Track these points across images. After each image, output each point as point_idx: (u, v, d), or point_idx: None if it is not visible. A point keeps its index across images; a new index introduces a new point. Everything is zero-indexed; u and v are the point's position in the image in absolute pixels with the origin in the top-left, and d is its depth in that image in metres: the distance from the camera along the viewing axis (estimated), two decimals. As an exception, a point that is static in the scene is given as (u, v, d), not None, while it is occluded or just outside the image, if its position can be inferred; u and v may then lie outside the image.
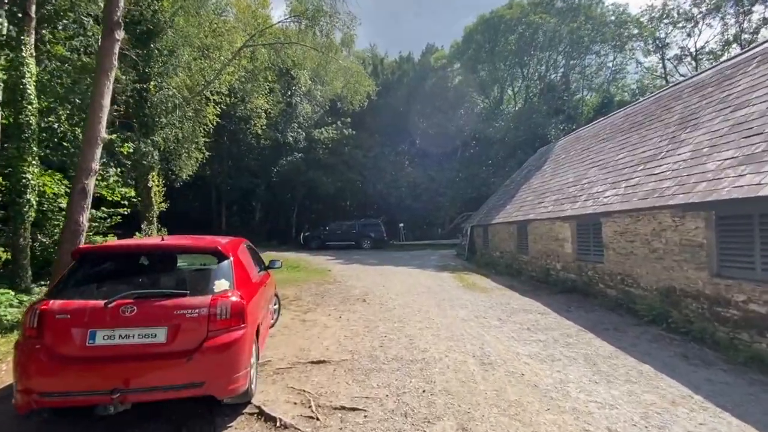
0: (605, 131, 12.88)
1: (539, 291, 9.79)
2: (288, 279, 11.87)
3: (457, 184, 28.58)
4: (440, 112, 29.56)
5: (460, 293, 9.64)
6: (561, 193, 11.10)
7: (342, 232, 25.43)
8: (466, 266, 15.44)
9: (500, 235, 14.51)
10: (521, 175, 18.15)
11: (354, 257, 19.05)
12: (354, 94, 18.58)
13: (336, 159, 26.94)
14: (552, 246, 10.40)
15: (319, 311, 7.92)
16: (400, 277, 12.35)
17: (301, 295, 9.56)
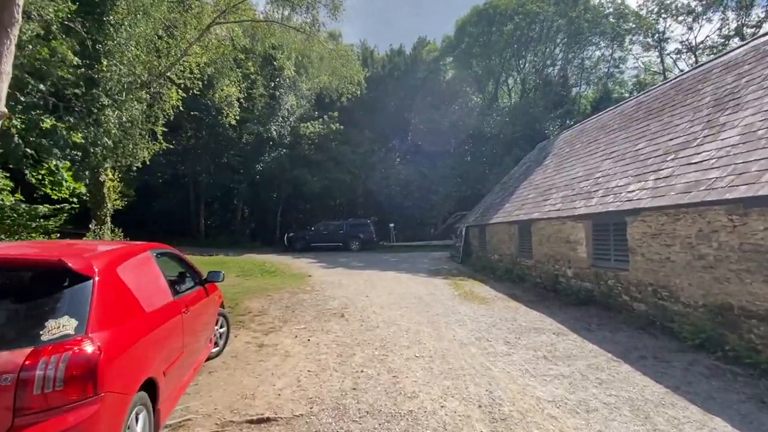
0: (615, 121, 11.60)
1: (548, 302, 8.41)
2: (259, 287, 10.35)
3: (451, 182, 27.23)
4: (432, 108, 28.19)
5: (456, 305, 8.22)
6: (570, 189, 9.75)
7: (329, 233, 23.91)
8: (461, 270, 14.05)
9: (499, 237, 13.14)
10: (520, 171, 16.83)
11: (339, 260, 17.56)
12: (341, 80, 17.01)
13: (323, 155, 25.42)
14: (561, 249, 9.04)
15: (285, 331, 6.43)
16: (388, 284, 10.90)
17: (268, 308, 8.05)
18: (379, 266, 15.16)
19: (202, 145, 24.62)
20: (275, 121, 24.55)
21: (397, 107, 28.90)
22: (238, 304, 8.35)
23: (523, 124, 24.49)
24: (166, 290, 3.36)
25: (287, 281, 11.38)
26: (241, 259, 16.80)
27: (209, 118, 23.73)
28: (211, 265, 14.89)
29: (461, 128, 28.00)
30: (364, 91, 29.47)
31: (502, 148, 25.37)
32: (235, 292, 9.55)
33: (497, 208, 14.46)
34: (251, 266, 14.51)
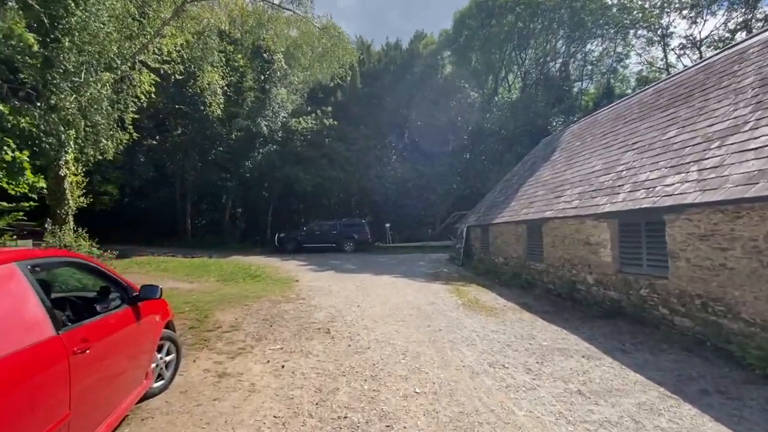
0: (632, 111, 10.56)
1: (566, 313, 7.32)
2: (237, 295, 9.19)
3: (449, 181, 26.17)
4: (430, 103, 27.09)
5: (461, 317, 7.11)
6: (587, 184, 8.67)
7: (321, 233, 22.74)
8: (463, 274, 12.95)
9: (504, 237, 12.05)
10: (525, 167, 15.76)
11: (331, 262, 16.42)
12: (331, 62, 15.82)
13: (316, 152, 24.25)
14: (580, 252, 7.95)
15: (256, 353, 5.29)
16: (383, 290, 9.77)
17: (242, 321, 6.90)
18: (374, 269, 14.03)
19: (189, 141, 23.38)
20: (265, 116, 23.34)
21: (394, 103, 27.78)
22: (208, 316, 7.19)
23: (524, 120, 23.44)
24: (40, 323, 2.21)
25: (271, 287, 10.22)
26: (225, 261, 15.61)
27: (196, 112, 22.50)
28: (192, 269, 13.74)
29: (460, 124, 26.94)
30: (359, 85, 28.50)
31: (502, 145, 24.32)
32: (208, 302, 8.39)
33: (501, 206, 13.37)
34: (235, 269, 13.34)
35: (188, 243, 23.45)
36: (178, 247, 22.71)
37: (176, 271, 13.09)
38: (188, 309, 7.76)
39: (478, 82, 29.21)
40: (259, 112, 23.32)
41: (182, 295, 9.18)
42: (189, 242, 23.56)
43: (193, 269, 13.29)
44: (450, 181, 26.19)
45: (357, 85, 27.88)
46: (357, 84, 27.90)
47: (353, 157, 25.26)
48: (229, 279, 11.69)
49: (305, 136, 24.10)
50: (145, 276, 12.29)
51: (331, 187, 25.91)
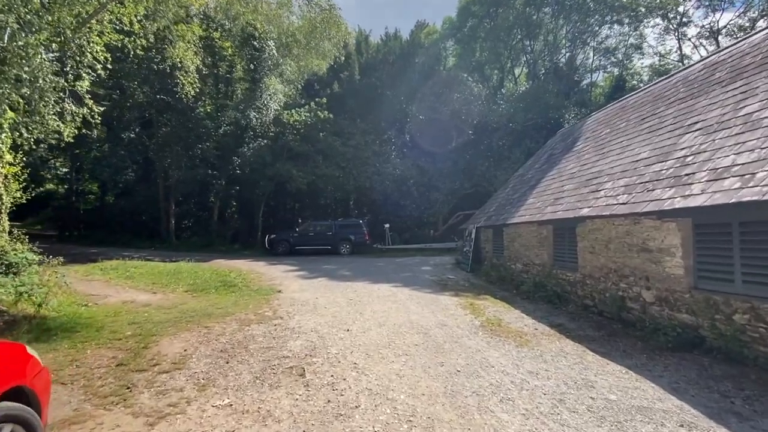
0: (677, 90, 8.87)
1: (619, 341, 5.60)
2: (201, 312, 7.46)
3: (452, 178, 24.43)
4: (432, 95, 25.37)
5: (483, 346, 5.39)
6: (635, 175, 6.95)
7: (315, 235, 21.02)
8: (473, 282, 11.23)
9: (524, 240, 10.31)
10: (540, 161, 14.05)
11: (324, 267, 14.69)
12: (321, 38, 14.09)
13: (309, 148, 22.51)
14: (633, 260, 6.23)
15: (191, 414, 3.57)
16: (381, 305, 8.04)
17: (192, 354, 5.17)
18: (371, 276, 12.30)
19: (173, 134, 21.65)
20: (255, 107, 21.60)
21: (394, 96, 26.06)
22: (150, 346, 5.47)
23: (536, 112, 21.70)
24: None
25: (245, 301, 8.48)
26: (204, 267, 13.87)
27: (179, 103, 20.81)
28: (161, 276, 11.99)
29: (464, 118, 25.22)
30: (357, 76, 26.78)
31: (511, 140, 22.58)
32: (161, 322, 6.66)
33: (517, 204, 11.65)
34: (210, 277, 11.60)
35: (172, 245, 21.71)
36: (161, 249, 20.99)
37: (142, 278, 11.36)
38: (130, 334, 6.03)
39: (484, 73, 27.52)
40: (248, 102, 21.59)
41: (133, 312, 7.45)
42: (173, 244, 21.82)
43: (163, 276, 11.56)
44: (453, 179, 24.45)
45: (354, 76, 26.18)
46: (354, 75, 26.20)
47: (350, 153, 23.53)
48: (200, 289, 9.95)
49: (298, 130, 22.36)
50: (104, 285, 10.58)
51: (326, 185, 24.18)
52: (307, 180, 22.25)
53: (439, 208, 24.83)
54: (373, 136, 24.67)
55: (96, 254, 17.49)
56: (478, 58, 27.11)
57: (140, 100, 20.62)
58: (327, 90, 25.71)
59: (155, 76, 16.07)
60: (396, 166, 24.50)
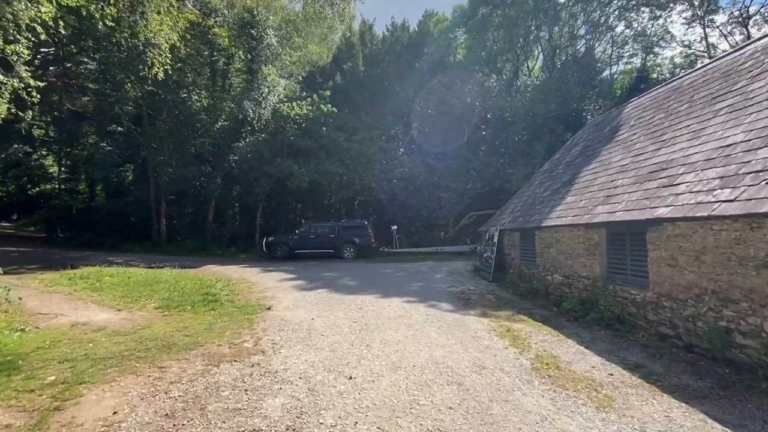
0: (762, 62, 7.09)
1: (746, 399, 3.85)
2: (163, 341, 5.81)
3: (464, 176, 22.69)
4: (442, 88, 23.65)
5: (548, 409, 3.68)
6: (735, 164, 5.21)
7: (317, 237, 19.39)
8: (499, 295, 9.50)
9: (563, 246, 8.57)
10: (571, 153, 12.30)
11: (324, 274, 13.01)
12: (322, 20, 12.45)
13: (311, 143, 20.87)
14: (750, 280, 4.48)
15: None
16: (393, 331, 6.33)
17: (120, 424, 3.50)
18: (379, 286, 10.61)
19: (164, 129, 20.11)
20: (252, 98, 20.00)
21: (401, 88, 24.35)
22: (67, 403, 3.82)
23: (557, 103, 19.91)
24: None
25: (223, 324, 6.81)
26: (189, 274, 12.25)
27: (170, 94, 19.26)
28: (135, 287, 10.29)
29: (477, 111, 23.51)
30: (361, 67, 25.11)
31: (529, 133, 20.80)
32: (102, 358, 5.02)
33: (549, 203, 9.91)
34: (192, 288, 9.97)
35: (163, 248, 20.15)
36: (150, 253, 19.44)
37: (112, 290, 9.73)
38: (52, 380, 4.40)
39: (496, 65, 25.75)
40: (245, 94, 20.01)
41: (76, 341, 5.82)
42: (164, 247, 20.25)
43: (137, 288, 9.93)
44: (465, 178, 22.71)
45: (359, 68, 24.51)
46: (359, 67, 24.53)
47: (354, 150, 21.87)
48: (175, 305, 8.30)
49: (299, 124, 20.73)
50: (64, 299, 8.97)
51: (329, 184, 22.52)
52: (309, 177, 20.61)
53: (449, 209, 23.08)
54: (379, 132, 23.01)
55: (77, 259, 15.96)
56: (491, 48, 25.33)
57: (129, 91, 19.09)
58: (330, 82, 24.07)
59: (124, 54, 14.37)
60: (403, 163, 22.81)
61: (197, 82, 20.75)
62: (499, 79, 25.07)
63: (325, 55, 27.10)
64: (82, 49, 18.85)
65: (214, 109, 21.03)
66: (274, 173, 20.70)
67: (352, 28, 28.06)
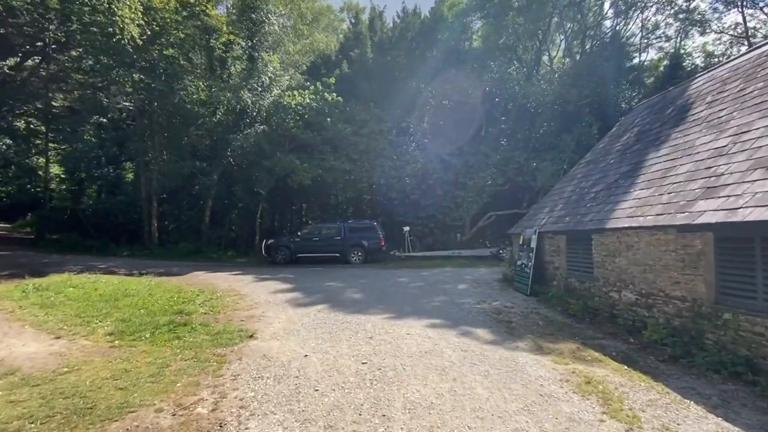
0: None
1: None
2: (81, 397, 3.93)
3: (483, 173, 20.65)
4: (458, 77, 21.65)
5: None
6: None
7: (320, 240, 17.53)
8: (546, 315, 7.50)
9: (638, 255, 6.54)
10: (624, 140, 10.24)
11: (327, 284, 11.11)
12: None
13: (315, 136, 18.99)
14: None
15: None
16: (420, 386, 4.38)
17: None
18: (393, 302, 8.67)
19: (155, 121, 18.42)
20: (251, 86, 18.21)
21: (412, 78, 22.39)
22: None
23: (591, 89, 17.76)
24: None
25: (180, 366, 4.90)
26: (168, 285, 10.42)
27: (161, 83, 17.53)
28: (96, 302, 8.35)
29: (496, 102, 21.49)
30: (370, 55, 23.23)
31: (558, 124, 18.68)
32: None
33: (611, 199, 7.88)
34: (164, 304, 8.12)
35: (153, 252, 18.43)
36: (139, 256, 17.73)
37: (67, 307, 7.91)
38: None
39: (516, 51, 23.66)
40: (243, 81, 18.23)
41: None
42: (154, 251, 18.52)
43: (97, 304, 8.10)
44: (484, 174, 20.66)
45: (367, 55, 22.62)
46: (367, 54, 22.63)
47: (363, 144, 19.97)
48: (133, 330, 6.43)
49: (302, 115, 18.87)
50: (7, 316, 7.18)
51: (335, 181, 20.66)
52: (313, 174, 18.74)
53: (466, 209, 21.06)
54: (389, 125, 21.08)
55: (53, 265, 14.30)
56: (510, 35, 23.25)
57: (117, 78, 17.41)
58: (336, 71, 22.22)
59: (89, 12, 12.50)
60: (416, 159, 20.84)
61: (192, 70, 19.03)
62: (519, 67, 22.96)
63: (332, 44, 25.26)
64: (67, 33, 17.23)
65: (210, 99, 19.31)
66: (274, 169, 18.84)
67: (361, 18, 26.22)
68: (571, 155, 17.45)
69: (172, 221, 21.04)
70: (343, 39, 25.28)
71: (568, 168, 17.63)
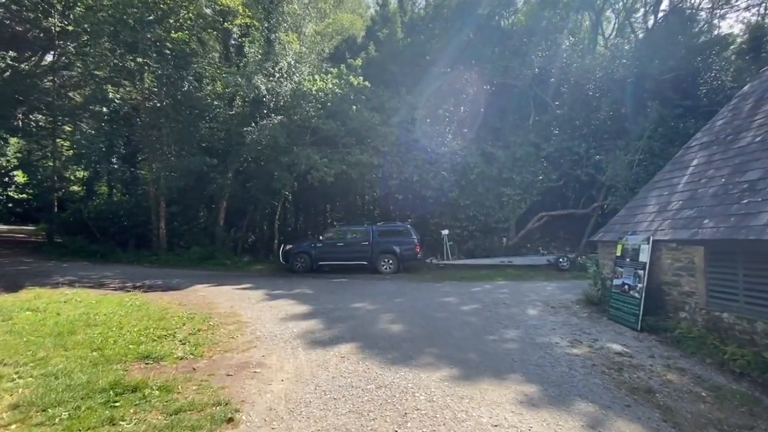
0: None
1: None
2: None
3: (532, 167, 17.72)
4: (502, 57, 18.82)
5: None
6: None
7: (345, 245, 15.15)
8: (692, 371, 4.73)
9: None
10: (764, 110, 7.24)
11: (353, 306, 8.62)
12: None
13: (338, 126, 16.56)
14: None
15: None
16: None
17: None
18: (448, 340, 6.09)
19: (162, 109, 16.55)
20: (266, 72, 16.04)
21: (448, 59, 19.65)
22: None
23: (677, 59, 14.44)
24: None
25: None
26: (153, 307, 8.21)
27: (168, 67, 15.62)
28: (32, 345, 6.06)
29: (549, 84, 18.51)
30: (400, 35, 20.68)
31: (630, 106, 15.51)
32: None
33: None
34: (129, 342, 5.85)
35: (161, 258, 16.54)
36: (145, 264, 15.87)
37: None
38: None
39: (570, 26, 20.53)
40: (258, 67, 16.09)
41: None
42: (162, 257, 16.63)
43: (41, 340, 5.91)
44: (533, 168, 17.71)
45: (397, 35, 20.08)
46: (397, 34, 20.10)
47: (392, 135, 17.43)
48: (53, 401, 4.11)
49: (323, 103, 16.52)
50: None
51: (361, 177, 18.22)
52: (336, 170, 16.35)
53: (512, 208, 18.18)
54: (422, 112, 18.43)
55: (42, 274, 12.49)
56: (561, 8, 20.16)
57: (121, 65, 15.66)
58: (362, 53, 19.80)
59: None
60: (454, 151, 18.10)
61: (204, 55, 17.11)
62: (574, 43, 19.83)
63: (358, 24, 22.86)
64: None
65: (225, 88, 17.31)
66: (293, 165, 16.55)
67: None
68: (648, 141, 14.30)
69: (183, 223, 19.16)
70: (369, 22, 22.86)
71: (646, 157, 14.52)
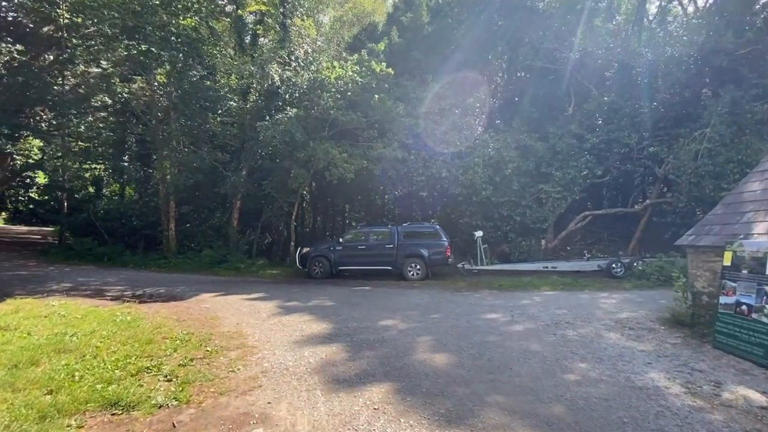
0: None
1: None
2: None
3: (573, 161, 15.87)
4: (538, 41, 17.06)
5: None
6: None
7: (367, 248, 13.74)
8: None
9: None
10: None
11: (382, 323, 7.14)
12: None
13: (358, 118, 15.14)
14: None
15: None
16: None
17: None
18: (514, 380, 4.53)
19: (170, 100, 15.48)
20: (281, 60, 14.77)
21: (478, 42, 17.99)
22: None
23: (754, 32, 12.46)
24: None
25: None
26: (145, 326, 6.90)
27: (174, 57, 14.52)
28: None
29: (590, 68, 16.64)
30: (425, 19, 19.14)
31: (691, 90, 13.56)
32: None
33: None
34: (98, 379, 4.49)
35: (171, 262, 15.48)
36: (153, 268, 14.85)
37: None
38: None
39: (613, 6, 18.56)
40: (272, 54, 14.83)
41: None
42: (172, 260, 15.58)
43: None
44: (576, 163, 15.84)
45: (422, 19, 18.57)
46: (422, 18, 18.59)
47: (418, 127, 15.91)
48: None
49: (343, 92, 15.13)
50: None
51: (383, 175, 16.75)
52: (357, 166, 14.94)
53: (551, 207, 16.34)
54: (450, 101, 16.84)
55: (41, 279, 11.56)
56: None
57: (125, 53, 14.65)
58: (384, 39, 18.35)
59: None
60: (486, 143, 16.44)
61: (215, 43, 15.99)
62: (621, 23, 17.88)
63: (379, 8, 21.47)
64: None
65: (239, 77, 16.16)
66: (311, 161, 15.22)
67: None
68: (718, 128, 12.33)
69: (195, 224, 18.11)
70: (391, 9, 21.40)
71: (714, 147, 12.57)
